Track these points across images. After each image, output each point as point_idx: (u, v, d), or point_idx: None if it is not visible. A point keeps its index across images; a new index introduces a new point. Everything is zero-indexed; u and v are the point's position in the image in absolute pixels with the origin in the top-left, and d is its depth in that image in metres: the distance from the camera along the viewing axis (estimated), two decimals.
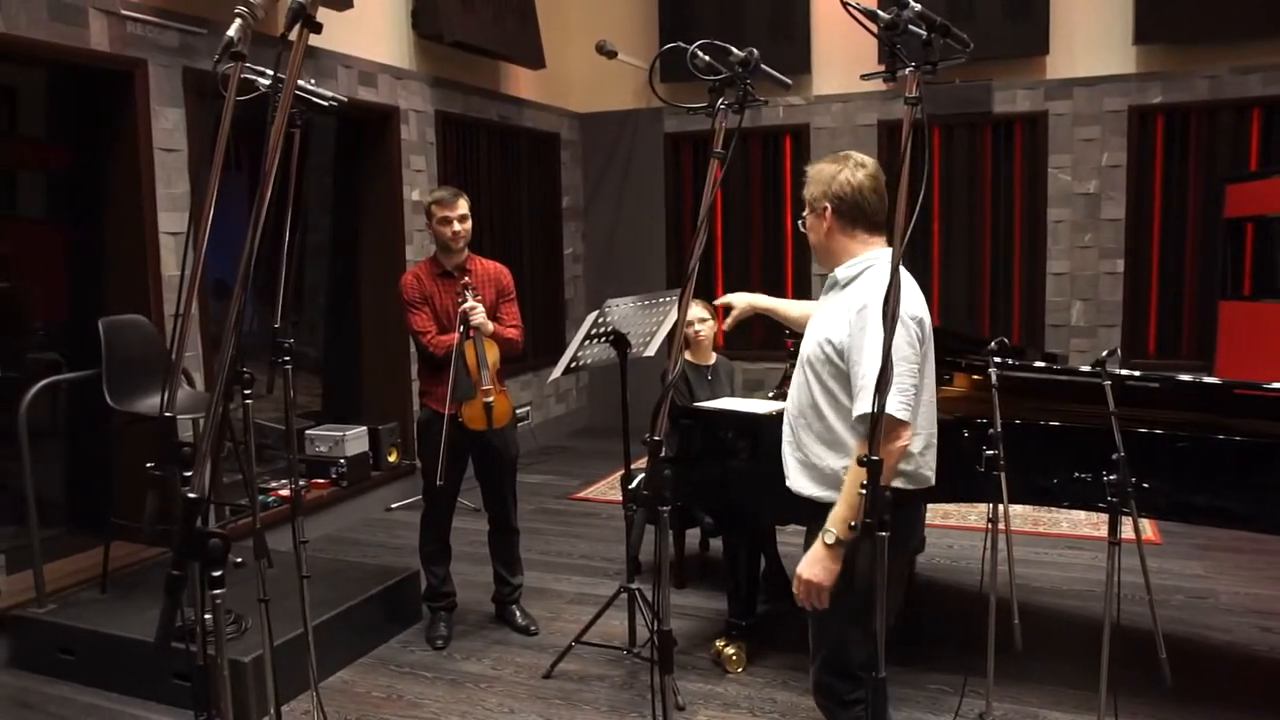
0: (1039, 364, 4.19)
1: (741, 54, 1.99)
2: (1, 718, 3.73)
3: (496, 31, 6.90)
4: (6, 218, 5.64)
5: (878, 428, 1.76)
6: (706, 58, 1.99)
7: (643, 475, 2.11)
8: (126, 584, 4.44)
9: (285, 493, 5.51)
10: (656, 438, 1.92)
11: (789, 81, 2.23)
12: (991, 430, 3.05)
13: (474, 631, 4.33)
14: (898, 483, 2.32)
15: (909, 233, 1.77)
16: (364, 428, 6.08)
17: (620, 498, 6.21)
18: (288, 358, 2.89)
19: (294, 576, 3.22)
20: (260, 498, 4.99)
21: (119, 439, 4.71)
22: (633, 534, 2.11)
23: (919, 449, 2.41)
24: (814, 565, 2.21)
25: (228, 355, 1.42)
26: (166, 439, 1.57)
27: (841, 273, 2.49)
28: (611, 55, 7.33)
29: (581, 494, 6.55)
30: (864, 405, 2.19)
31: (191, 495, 1.48)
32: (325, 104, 2.78)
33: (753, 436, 3.73)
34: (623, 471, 4.19)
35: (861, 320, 2.27)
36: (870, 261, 2.44)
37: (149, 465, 1.63)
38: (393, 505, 6.22)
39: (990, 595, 3.19)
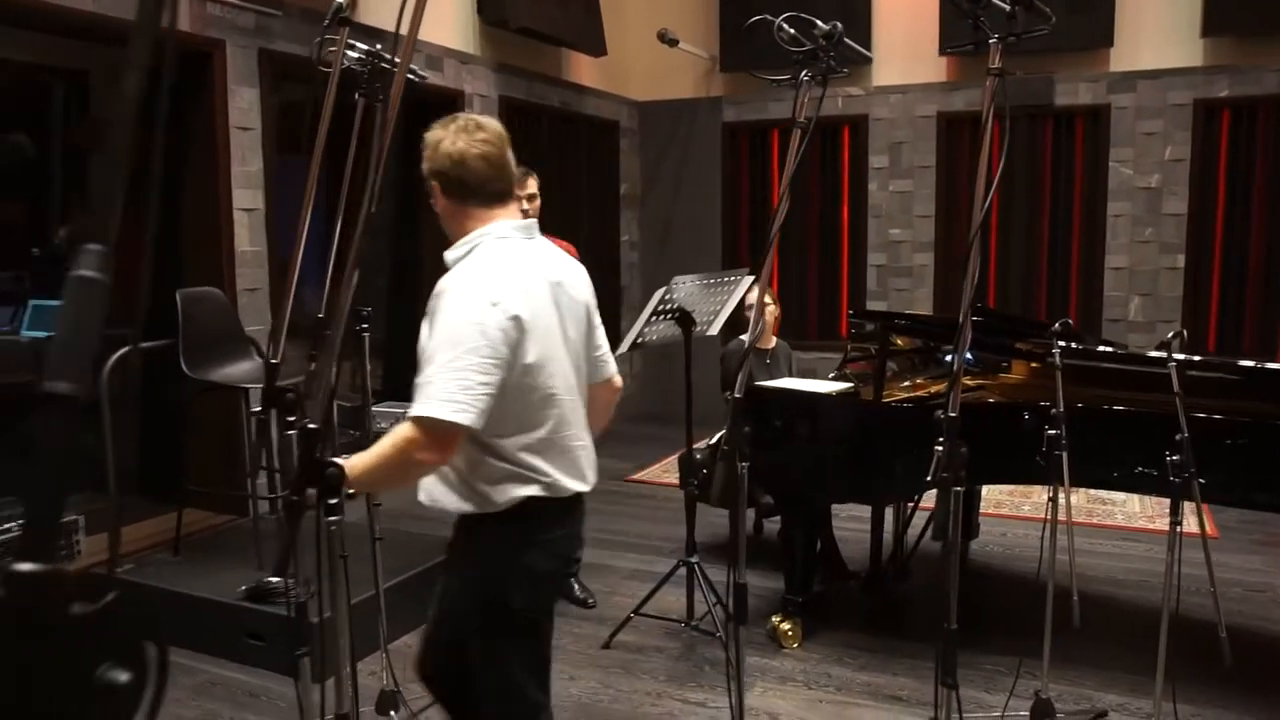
0: (1102, 348, 4.18)
1: (826, 27, 2.05)
2: None
3: (560, 18, 6.98)
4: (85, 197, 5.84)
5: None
6: (791, 30, 2.04)
7: (723, 432, 2.17)
8: (197, 548, 4.59)
9: None
10: (739, 395, 1.98)
11: (870, 55, 2.28)
12: (1054, 411, 3.07)
13: None
14: (531, 490, 2.11)
15: (986, 211, 1.80)
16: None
17: (676, 480, 6.28)
18: (366, 325, 2.99)
19: (362, 543, 3.32)
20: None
21: (193, 408, 4.86)
22: (714, 484, 2.13)
23: (543, 456, 2.14)
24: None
25: (348, 300, 1.51)
26: (270, 385, 1.66)
27: (450, 256, 2.18)
28: (673, 44, 7.40)
29: (635, 476, 6.64)
30: (418, 405, 1.96)
31: (311, 426, 1.57)
32: (415, 79, 2.87)
33: (813, 416, 3.79)
34: (683, 451, 4.26)
35: (433, 306, 2.05)
36: (478, 240, 2.15)
37: (254, 411, 1.72)
38: None
39: (1049, 575, 3.20)
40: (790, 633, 3.92)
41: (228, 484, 4.98)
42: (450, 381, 1.92)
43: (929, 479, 1.76)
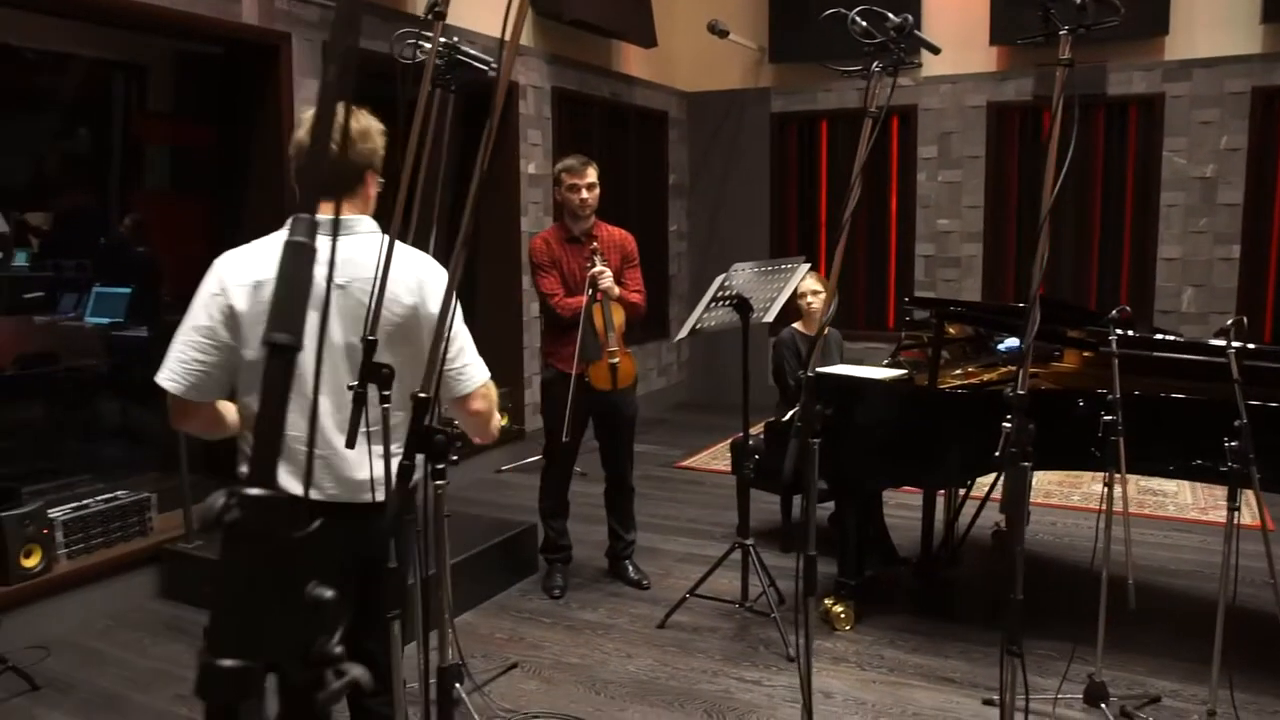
0: (1158, 336, 4.19)
1: (897, 20, 2.11)
2: (156, 639, 4.04)
3: (611, 10, 7.06)
4: (149, 190, 6.02)
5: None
6: (864, 23, 2.10)
7: (796, 409, 2.24)
8: None
9: None
10: (810, 374, 2.06)
11: (939, 47, 2.34)
12: (1111, 397, 3.10)
13: (588, 584, 4.53)
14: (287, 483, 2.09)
15: (1054, 201, 1.85)
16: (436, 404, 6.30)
17: (724, 466, 6.36)
18: None
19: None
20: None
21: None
22: (786, 459, 2.17)
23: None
24: None
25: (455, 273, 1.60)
26: (369, 361, 1.76)
27: None
28: (723, 35, 7.46)
29: (685, 463, 6.73)
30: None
31: (422, 395, 1.67)
32: (487, 70, 2.96)
33: (868, 402, 3.84)
34: (736, 436, 4.32)
35: None
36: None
37: (350, 386, 1.81)
38: (503, 467, 6.45)
39: (1103, 560, 3.24)
40: (843, 615, 3.99)
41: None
42: (172, 351, 2.02)
43: (997, 455, 1.82)
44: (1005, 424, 1.80)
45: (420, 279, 2.14)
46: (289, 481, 1.99)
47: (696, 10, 7.98)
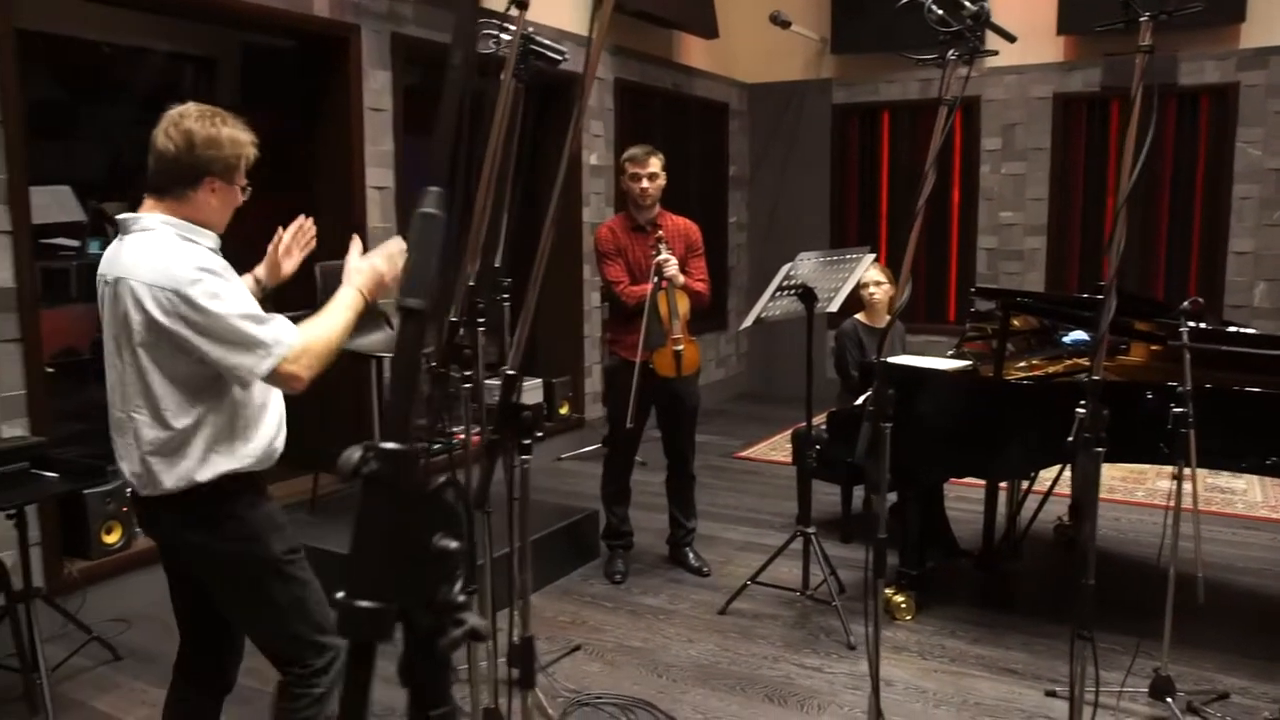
0: (1232, 330, 4.12)
1: (973, 8, 2.11)
2: None
3: (673, 1, 7.08)
4: None
5: None
6: (940, 11, 2.11)
7: (868, 395, 2.26)
8: (331, 509, 4.85)
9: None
10: (882, 360, 2.08)
11: (1014, 35, 2.33)
12: (1181, 389, 3.07)
13: (649, 570, 4.57)
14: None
15: (1132, 190, 1.84)
16: (539, 380, 6.40)
17: (782, 457, 6.37)
18: (507, 295, 3.15)
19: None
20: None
21: (329, 374, 5.11)
22: (859, 443, 2.18)
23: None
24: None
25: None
26: (450, 342, 1.81)
27: None
28: (785, 25, 7.44)
29: (744, 453, 6.75)
30: None
31: (510, 372, 1.72)
32: (558, 58, 3.01)
33: (932, 392, 3.83)
34: (797, 426, 4.34)
35: None
36: None
37: (432, 365, 1.87)
38: (563, 455, 6.52)
39: (1171, 553, 3.21)
40: (904, 605, 3.99)
41: None
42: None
43: (1070, 440, 1.82)
44: (1079, 409, 1.80)
45: (140, 285, 2.14)
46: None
47: (758, 1, 7.96)
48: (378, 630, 0.69)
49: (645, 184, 4.24)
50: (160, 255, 2.14)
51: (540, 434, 1.76)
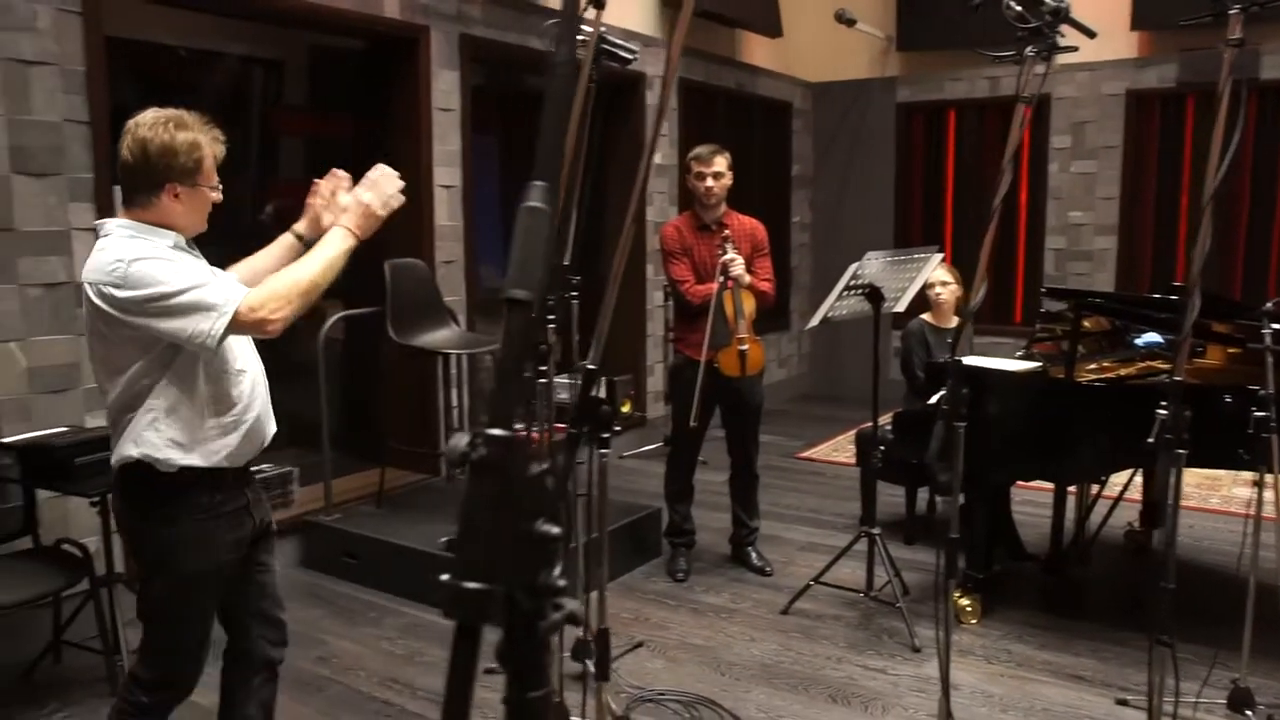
0: None
1: (1054, 4, 2.09)
2: (297, 606, 4.24)
3: (739, 0, 7.07)
4: (288, 180, 6.29)
5: None
6: (1018, 7, 2.09)
7: (941, 393, 2.25)
8: (396, 502, 4.93)
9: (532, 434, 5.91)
10: (958, 359, 2.06)
11: (1094, 31, 2.30)
12: (1263, 393, 3.00)
13: (711, 569, 4.58)
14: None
15: (1217, 188, 1.81)
16: (602, 378, 6.42)
17: (844, 458, 6.34)
18: (575, 292, 3.18)
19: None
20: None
21: (396, 370, 5.19)
22: (931, 443, 2.18)
23: None
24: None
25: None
26: (531, 339, 1.84)
27: None
28: (851, 23, 7.39)
29: (806, 453, 6.72)
30: None
31: (591, 367, 1.74)
32: (629, 58, 3.03)
33: (1002, 393, 3.79)
34: (862, 426, 4.31)
35: None
36: None
37: (514, 361, 1.90)
38: (625, 453, 6.55)
39: (1251, 562, 3.13)
40: (969, 608, 3.95)
41: (422, 444, 5.31)
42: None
43: (1150, 441, 1.80)
44: (1160, 410, 1.77)
45: (87, 284, 2.25)
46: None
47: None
48: (484, 612, 0.71)
49: (710, 183, 4.24)
50: (100, 253, 2.24)
51: (619, 428, 1.78)
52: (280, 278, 2.34)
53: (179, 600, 2.41)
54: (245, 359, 2.45)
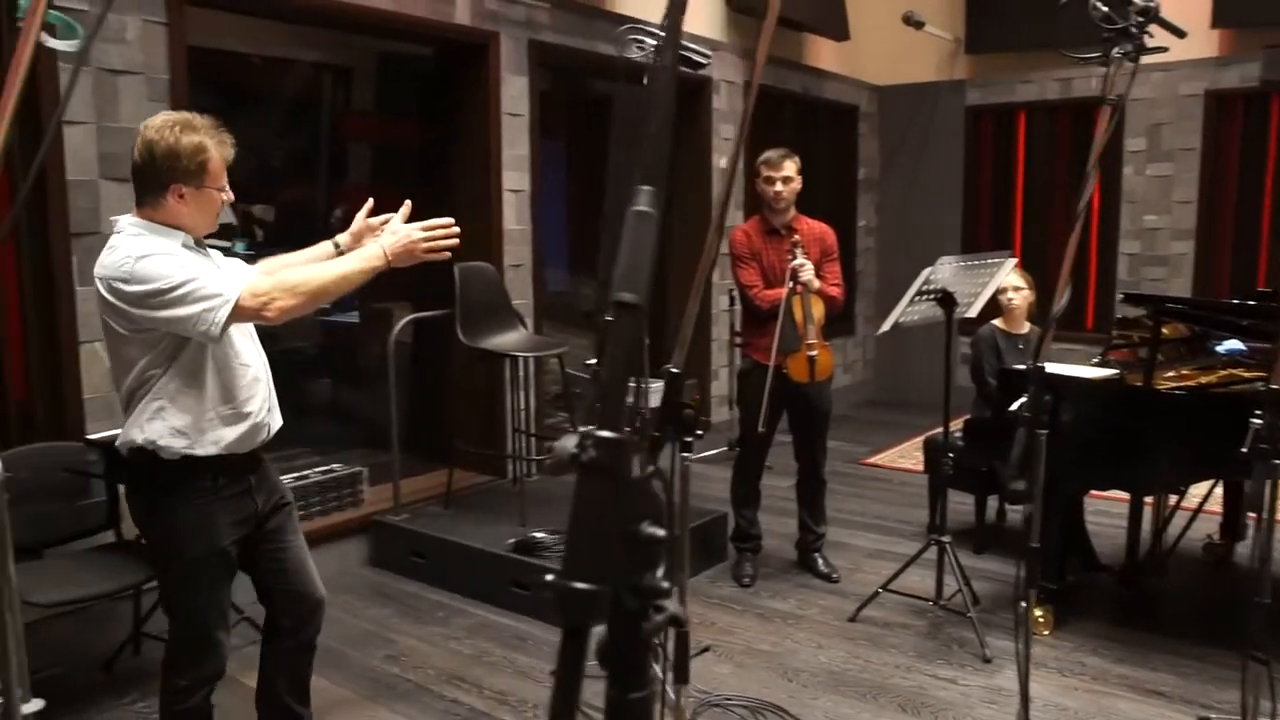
0: None
1: (1142, 3, 2.05)
2: (365, 604, 4.32)
3: (805, 3, 7.03)
4: (356, 185, 6.41)
5: None
6: (1105, 8, 2.06)
7: (1023, 400, 2.22)
8: (463, 503, 4.98)
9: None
10: (1040, 364, 2.03)
11: (1185, 31, 2.25)
12: None
13: (777, 574, 4.56)
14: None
15: None
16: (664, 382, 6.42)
17: (910, 464, 6.27)
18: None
19: None
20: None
21: (464, 373, 5.24)
22: (1015, 453, 2.15)
23: None
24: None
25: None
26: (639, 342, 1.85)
27: None
28: (919, 26, 7.32)
29: (871, 459, 6.66)
30: None
31: (674, 370, 1.75)
32: (703, 62, 3.03)
33: (1078, 401, 3.72)
34: (932, 432, 4.26)
35: None
36: None
37: (590, 362, 1.91)
38: (689, 457, 6.53)
39: None
40: (1043, 619, 3.87)
41: (489, 446, 5.36)
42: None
43: (1244, 450, 1.75)
44: (1254, 419, 1.73)
45: (98, 280, 2.36)
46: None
47: (890, 2, 7.85)
48: (592, 612, 0.72)
49: (779, 187, 4.23)
50: (111, 251, 2.35)
51: (701, 433, 1.78)
52: (295, 273, 2.48)
53: (190, 585, 2.53)
54: (249, 355, 2.56)
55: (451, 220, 2.57)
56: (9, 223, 1.95)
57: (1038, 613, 3.88)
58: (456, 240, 2.57)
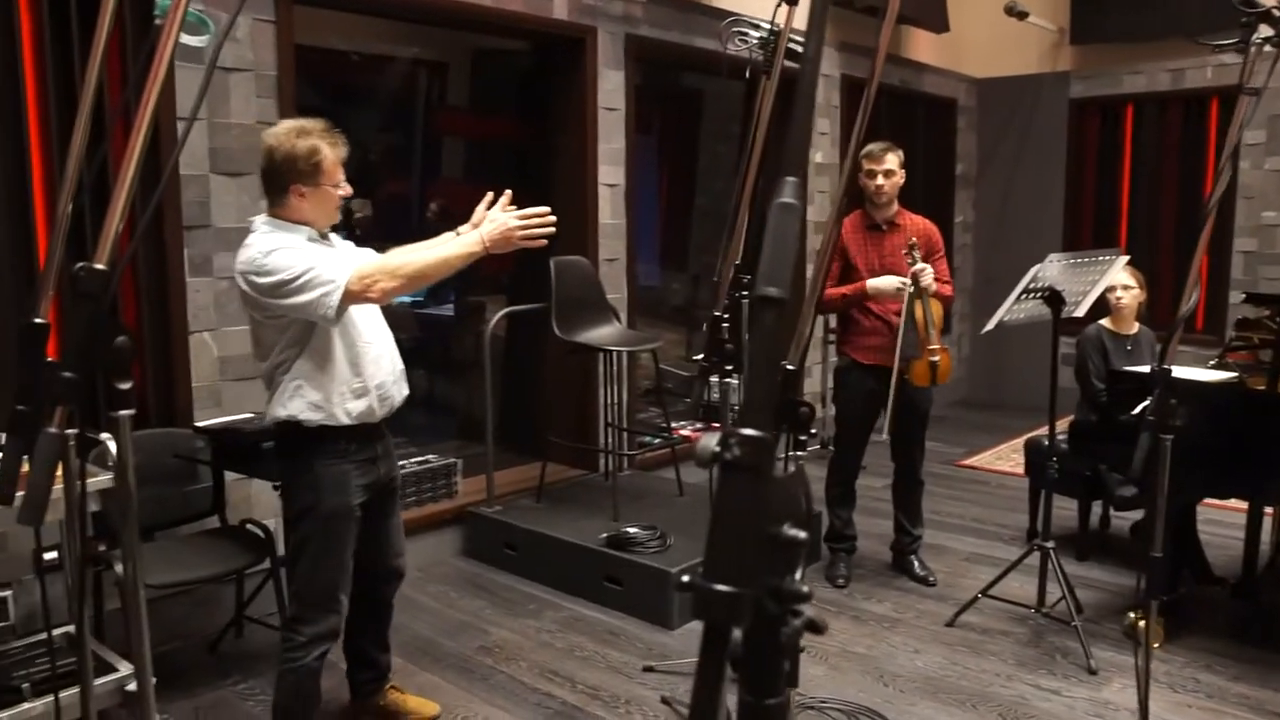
0: None
1: None
2: (459, 594, 4.36)
3: None
4: (451, 180, 6.48)
5: None
6: None
7: (1149, 401, 2.13)
8: (556, 497, 5.00)
9: (686, 432, 5.92)
10: (1167, 367, 1.94)
11: None
12: None
13: (872, 576, 4.48)
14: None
15: None
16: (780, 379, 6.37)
17: (1007, 467, 6.11)
18: (745, 292, 3.14)
19: (706, 507, 3.50)
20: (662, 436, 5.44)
21: (557, 367, 5.27)
22: (1139, 457, 2.07)
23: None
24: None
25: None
26: (715, 337, 1.82)
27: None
28: (1022, 16, 7.10)
29: (967, 461, 6.51)
30: None
31: (790, 367, 1.72)
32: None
33: (1194, 404, 3.55)
34: (1034, 433, 4.13)
35: None
36: None
37: (696, 358, 1.88)
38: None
39: None
40: (1153, 631, 3.73)
41: (581, 440, 5.38)
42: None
43: None
44: None
45: (236, 273, 2.64)
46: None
47: None
48: (734, 614, 0.69)
49: (880, 181, 4.15)
50: (246, 248, 2.61)
51: (815, 431, 1.74)
52: (396, 255, 2.74)
53: (319, 538, 2.77)
54: (373, 333, 2.82)
55: (548, 210, 2.68)
56: (144, 220, 2.03)
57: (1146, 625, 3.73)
58: (552, 230, 2.68)
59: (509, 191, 2.77)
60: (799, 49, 2.77)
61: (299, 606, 2.83)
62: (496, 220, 2.65)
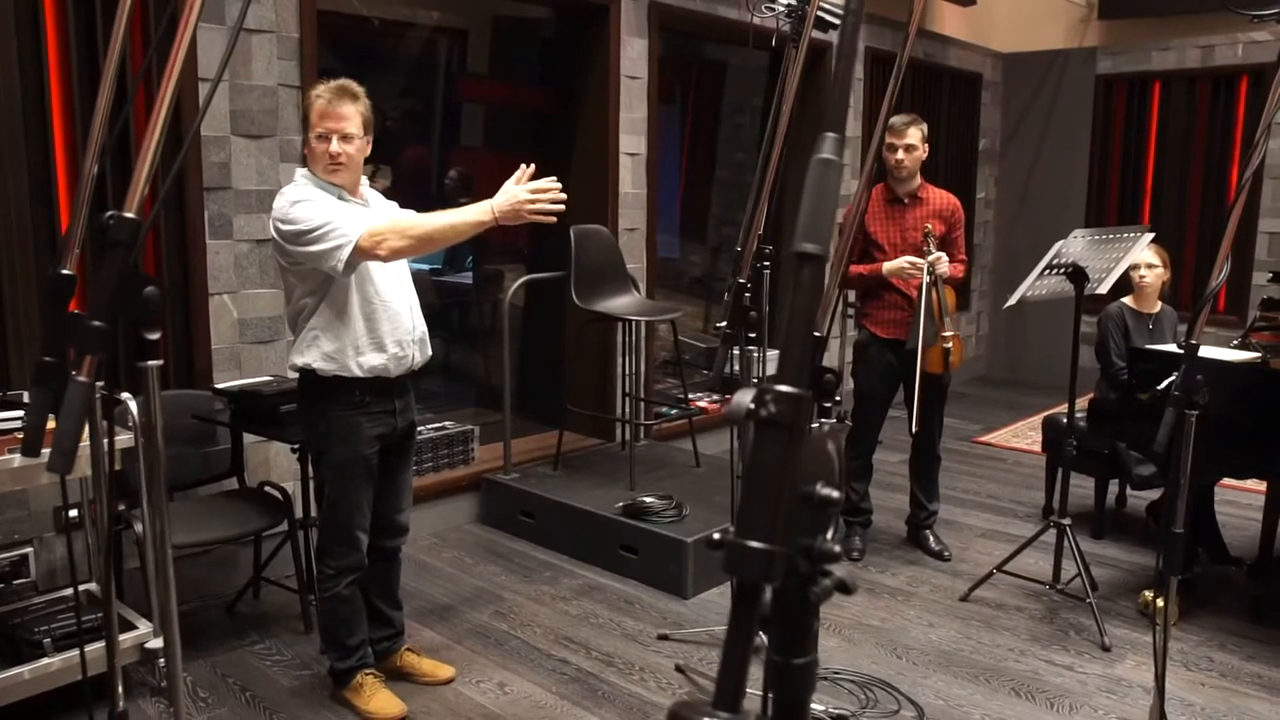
0: None
1: None
2: (475, 561, 4.39)
3: None
4: (471, 147, 6.45)
5: None
6: None
7: (1175, 377, 2.11)
8: (573, 465, 5.01)
9: (705, 404, 5.91)
10: (1194, 342, 1.93)
11: None
12: None
13: (887, 550, 4.48)
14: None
15: None
16: (774, 352, 6.36)
17: (1024, 444, 6.09)
18: (768, 263, 3.13)
19: (722, 478, 3.50)
20: (680, 408, 5.44)
21: (576, 336, 5.26)
22: (1163, 434, 2.05)
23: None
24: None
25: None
26: (739, 306, 1.81)
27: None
28: None
29: (984, 438, 6.49)
30: None
31: (817, 334, 1.71)
32: (837, 23, 2.95)
33: (1215, 384, 3.53)
34: (1051, 411, 4.12)
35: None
36: None
37: (719, 325, 1.88)
38: None
39: None
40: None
41: (599, 409, 5.38)
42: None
43: None
44: None
45: (270, 219, 2.81)
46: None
47: None
48: (766, 572, 0.69)
49: (901, 155, 4.11)
50: (280, 196, 2.77)
51: (839, 399, 1.74)
52: (408, 217, 2.82)
53: (335, 482, 2.93)
54: (393, 293, 2.90)
55: (556, 181, 2.69)
56: (167, 181, 2.03)
57: (1163, 603, 3.72)
58: (562, 205, 2.69)
59: (532, 166, 2.76)
60: (828, 18, 2.75)
61: (324, 542, 3.00)
62: (508, 192, 2.67)
